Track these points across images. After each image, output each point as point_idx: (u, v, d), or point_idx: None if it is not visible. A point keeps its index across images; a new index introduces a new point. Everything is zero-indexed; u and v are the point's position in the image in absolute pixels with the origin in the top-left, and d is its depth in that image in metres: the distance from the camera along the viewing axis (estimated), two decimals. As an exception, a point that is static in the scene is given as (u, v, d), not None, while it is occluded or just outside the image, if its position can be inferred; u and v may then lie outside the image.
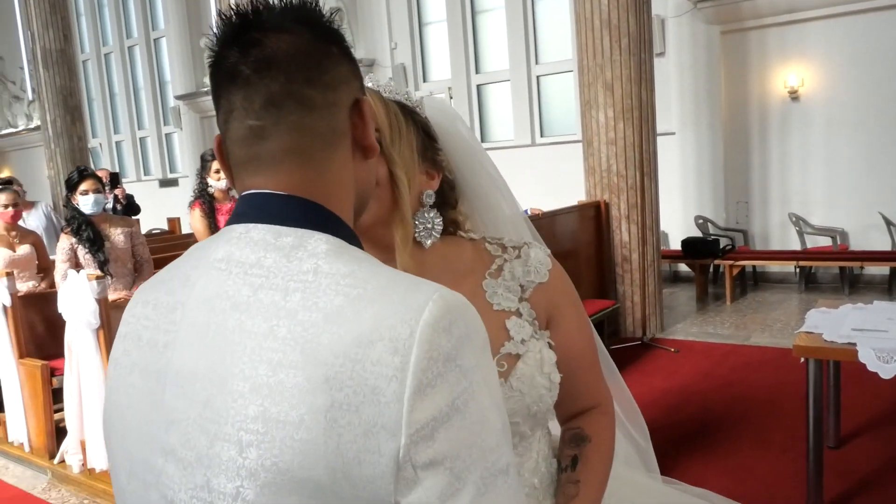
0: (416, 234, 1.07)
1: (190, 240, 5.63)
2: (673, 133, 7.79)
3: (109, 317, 3.57)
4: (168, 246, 6.10)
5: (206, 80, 9.12)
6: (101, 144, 14.27)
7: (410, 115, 1.08)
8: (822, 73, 7.14)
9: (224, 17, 0.79)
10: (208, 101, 11.73)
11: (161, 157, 13.33)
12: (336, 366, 0.62)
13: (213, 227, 4.42)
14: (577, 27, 5.80)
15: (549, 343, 1.12)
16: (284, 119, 0.76)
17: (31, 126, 15.35)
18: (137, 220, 4.30)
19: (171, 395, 0.71)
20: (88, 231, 3.89)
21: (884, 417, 3.97)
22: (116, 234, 4.04)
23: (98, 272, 3.62)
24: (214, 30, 0.80)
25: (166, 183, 13.02)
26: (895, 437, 3.73)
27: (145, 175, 13.70)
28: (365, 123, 0.82)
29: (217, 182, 4.48)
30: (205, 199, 4.49)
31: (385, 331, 0.63)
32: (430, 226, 1.07)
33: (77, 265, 4.03)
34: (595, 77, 5.69)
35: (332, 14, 0.82)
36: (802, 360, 3.15)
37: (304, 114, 0.77)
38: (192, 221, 4.50)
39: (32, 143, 15.47)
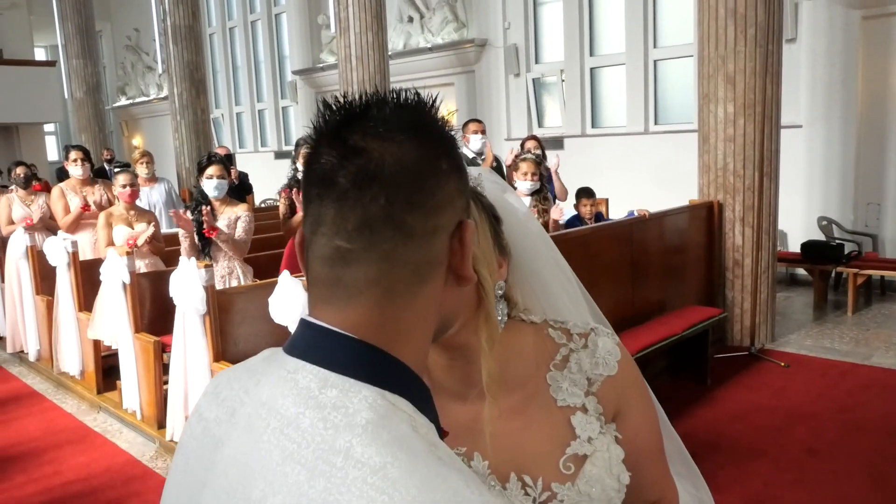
0: None
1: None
2: (799, 126, 7.25)
3: (216, 304, 3.73)
4: (276, 224, 6.30)
5: (322, 56, 9.41)
6: (222, 115, 14.93)
7: (479, 201, 1.00)
8: (980, 65, 6.42)
9: (328, 106, 0.73)
10: (324, 76, 12.03)
11: (277, 130, 13.81)
12: None
13: (292, 211, 4.61)
14: (700, 15, 5.47)
15: (616, 436, 1.04)
16: (377, 246, 0.69)
17: (161, 96, 16.27)
18: (247, 201, 4.46)
19: None
20: (200, 214, 4.08)
21: None
22: (221, 219, 4.21)
23: (207, 260, 3.79)
24: (317, 114, 0.73)
25: (281, 155, 13.49)
26: None
27: (262, 146, 14.24)
28: (465, 251, 0.74)
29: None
30: (292, 184, 4.66)
31: None
32: (501, 318, 1.00)
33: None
34: (716, 69, 5.36)
35: (446, 116, 0.75)
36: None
37: (399, 242, 0.70)
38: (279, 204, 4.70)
39: (161, 112, 16.40)
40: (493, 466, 0.97)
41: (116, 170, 4.99)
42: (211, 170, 4.22)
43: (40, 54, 18.25)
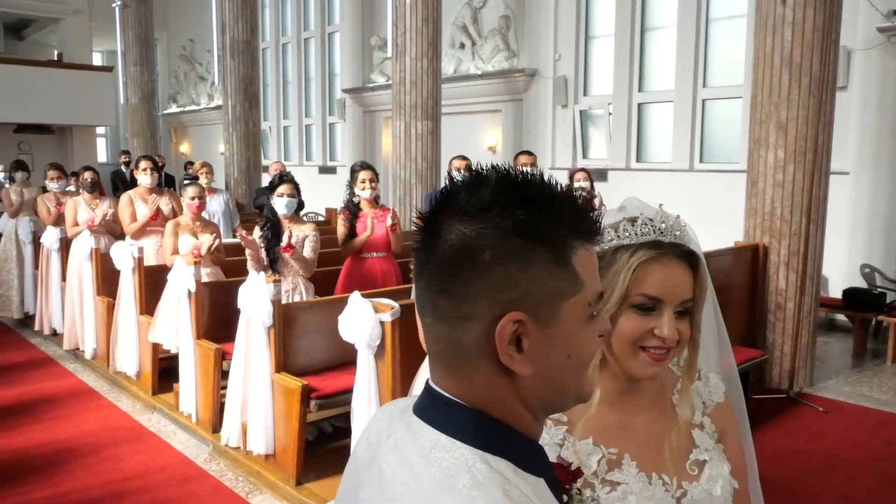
0: None
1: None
2: (847, 173, 7.31)
3: (282, 317, 3.92)
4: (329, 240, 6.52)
5: (373, 76, 9.72)
6: (270, 128, 15.31)
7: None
8: None
9: (449, 178, 0.82)
10: (373, 96, 12.31)
11: (323, 145, 14.14)
12: None
13: (352, 233, 4.88)
14: (756, 62, 5.58)
15: (723, 455, 1.27)
16: (427, 324, 0.81)
17: (211, 105, 16.73)
18: (315, 226, 4.66)
19: None
20: (269, 231, 4.29)
21: None
22: (289, 236, 4.42)
23: (276, 276, 3.99)
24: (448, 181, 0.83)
25: (325, 170, 13.79)
26: None
27: (307, 160, 14.56)
28: (502, 347, 0.77)
29: (363, 192, 4.84)
30: (350, 207, 4.90)
31: None
32: None
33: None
34: (768, 115, 5.47)
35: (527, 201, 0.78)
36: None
37: (437, 320, 0.80)
38: (337, 225, 5.01)
39: (210, 121, 16.89)
40: (640, 467, 1.19)
41: (186, 182, 5.25)
42: (282, 188, 4.43)
43: (97, 59, 18.87)
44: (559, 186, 0.81)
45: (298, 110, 14.73)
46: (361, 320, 3.17)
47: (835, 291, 7.29)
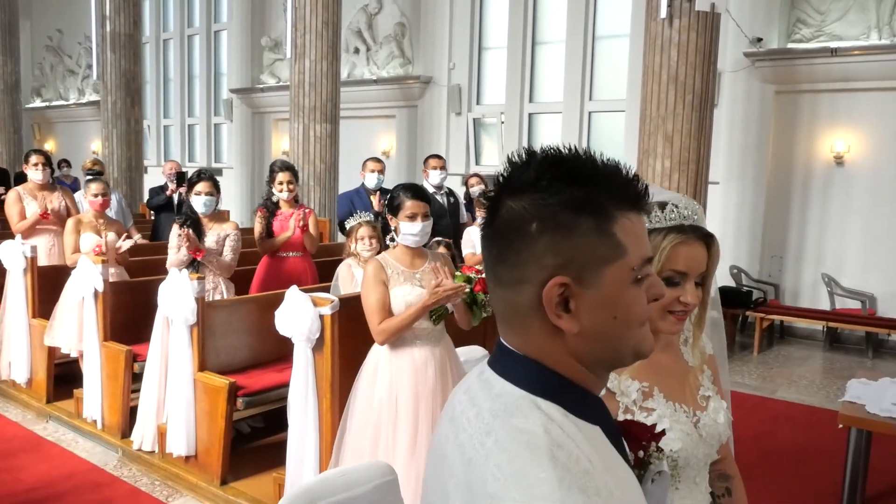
0: None
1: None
2: (717, 183, 8.01)
3: (205, 315, 3.87)
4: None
5: (262, 77, 9.66)
6: (149, 127, 14.63)
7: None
8: (869, 142, 7.38)
9: (508, 160, 0.93)
10: (262, 97, 12.10)
11: (208, 147, 13.69)
12: None
13: (269, 232, 4.85)
14: (645, 78, 6.07)
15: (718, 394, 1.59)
16: (491, 289, 0.95)
17: (83, 101, 15.77)
18: (236, 225, 4.59)
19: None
20: (189, 229, 4.20)
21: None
22: (210, 235, 4.34)
23: (199, 273, 3.92)
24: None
25: (210, 171, 13.36)
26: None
27: (189, 161, 14.05)
28: (549, 308, 0.88)
29: (280, 193, 4.84)
30: (267, 206, 4.89)
31: None
32: None
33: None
34: (656, 127, 5.96)
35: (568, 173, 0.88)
36: (841, 426, 3.42)
37: (495, 285, 0.93)
38: (254, 223, 4.97)
39: (80, 118, 15.90)
40: (666, 397, 1.47)
41: (89, 178, 5.00)
42: (201, 186, 4.35)
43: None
44: (603, 160, 0.91)
45: (181, 109, 14.19)
46: (300, 314, 3.21)
47: (707, 290, 7.98)
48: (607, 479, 0.83)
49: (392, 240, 3.05)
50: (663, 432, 1.22)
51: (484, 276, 2.90)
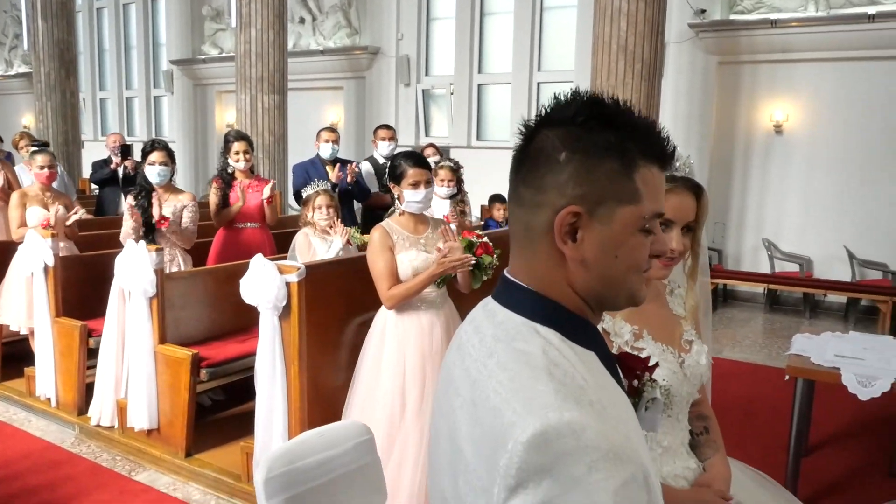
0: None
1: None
2: (663, 152, 8.23)
3: (164, 287, 3.80)
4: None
5: (204, 48, 9.39)
6: (84, 100, 14.08)
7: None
8: (807, 111, 7.67)
9: (554, 98, 1.00)
10: (204, 68, 11.77)
11: (147, 119, 13.28)
12: (468, 452, 0.92)
13: (224, 202, 4.76)
14: (595, 48, 6.15)
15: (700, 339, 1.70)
16: (511, 209, 1.01)
17: (11, 73, 15.05)
18: (193, 196, 4.50)
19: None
20: (144, 200, 4.10)
21: (847, 431, 4.48)
22: (166, 207, 4.25)
23: (157, 245, 3.85)
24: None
25: (151, 145, 12.97)
26: (855, 447, 4.23)
27: (129, 135, 13.60)
28: (558, 233, 0.94)
29: (236, 163, 4.76)
30: (223, 176, 4.80)
31: (499, 440, 0.86)
32: None
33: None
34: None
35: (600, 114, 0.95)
36: (787, 378, 3.61)
37: (516, 206, 0.99)
38: (209, 194, 4.86)
39: (8, 90, 15.18)
40: (655, 339, 1.58)
41: (34, 149, 4.79)
42: (154, 156, 4.24)
43: None
44: (640, 114, 0.98)
45: (118, 81, 13.69)
46: (266, 282, 3.19)
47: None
48: (601, 396, 0.89)
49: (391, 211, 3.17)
50: (657, 364, 1.30)
51: (485, 239, 2.98)
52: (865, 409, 4.13)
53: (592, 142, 0.93)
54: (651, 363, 1.37)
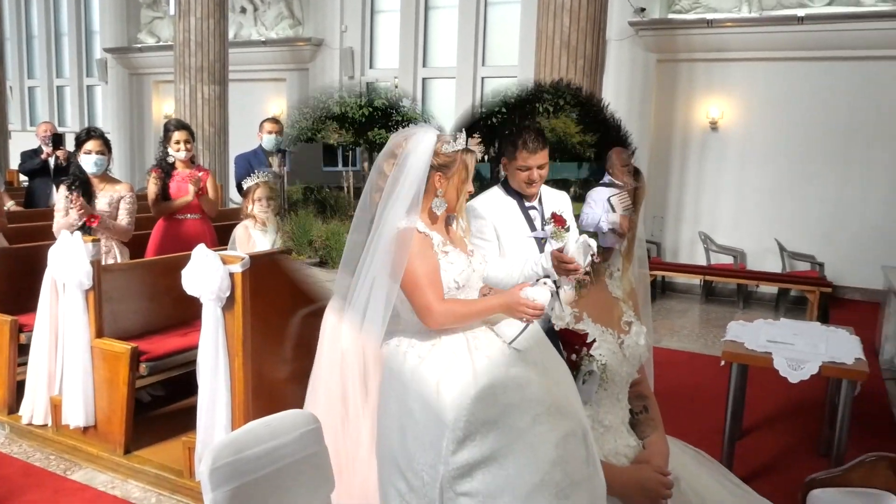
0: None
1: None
2: (604, 147, 8.39)
3: (101, 279, 3.69)
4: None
5: (140, 36, 9.15)
6: (10, 88, 13.50)
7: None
8: (741, 109, 7.94)
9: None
10: (141, 57, 11.44)
11: (80, 110, 12.82)
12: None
13: (164, 193, 4.65)
14: (538, 43, 6.23)
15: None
16: None
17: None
18: (131, 186, 4.37)
19: None
20: (78, 190, 3.97)
21: (778, 413, 4.67)
22: (102, 198, 4.12)
23: (94, 235, 3.73)
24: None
25: (84, 136, 12.53)
26: (786, 429, 4.43)
27: (60, 125, 13.10)
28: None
29: (177, 153, 4.66)
30: (163, 166, 4.70)
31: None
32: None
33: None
34: (550, 92, 6.14)
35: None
36: (723, 363, 3.75)
37: None
38: (148, 184, 4.73)
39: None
40: (594, 321, 1.65)
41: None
42: (90, 144, 4.09)
43: None
44: None
45: (48, 69, 13.17)
46: (209, 273, 3.13)
47: (596, 250, 8.40)
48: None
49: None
50: (594, 341, 1.36)
51: None
52: (795, 393, 4.31)
53: None
54: (589, 340, 1.44)
